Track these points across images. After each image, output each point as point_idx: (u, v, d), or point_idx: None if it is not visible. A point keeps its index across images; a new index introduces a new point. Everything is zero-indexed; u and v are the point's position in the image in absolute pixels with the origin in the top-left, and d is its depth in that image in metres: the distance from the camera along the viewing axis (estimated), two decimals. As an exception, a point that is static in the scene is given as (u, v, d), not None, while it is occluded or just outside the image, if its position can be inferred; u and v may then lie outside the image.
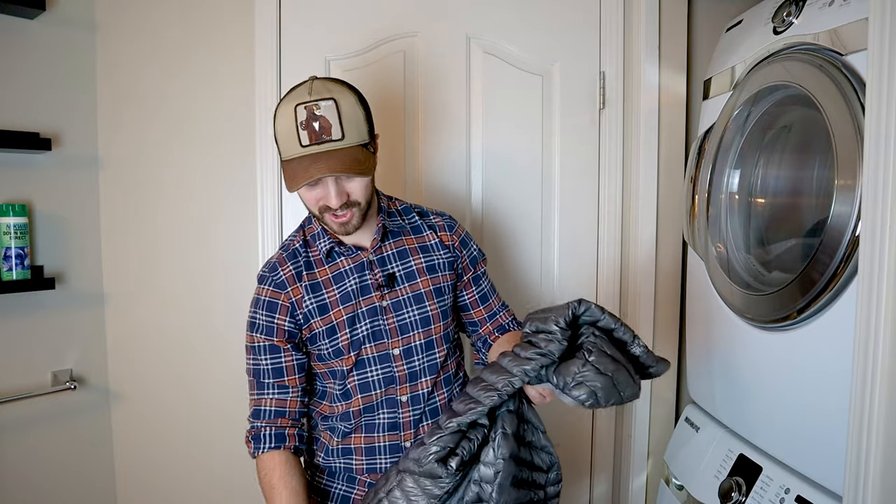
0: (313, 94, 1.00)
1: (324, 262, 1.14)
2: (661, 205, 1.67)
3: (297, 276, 1.12)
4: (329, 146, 0.99)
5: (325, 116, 0.98)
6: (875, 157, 0.83)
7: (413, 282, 1.14)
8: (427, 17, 1.64)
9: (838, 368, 0.95)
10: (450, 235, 1.21)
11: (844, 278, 0.95)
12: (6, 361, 1.52)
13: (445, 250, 1.20)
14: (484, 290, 1.26)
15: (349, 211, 1.05)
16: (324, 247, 1.13)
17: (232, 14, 1.63)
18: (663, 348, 1.71)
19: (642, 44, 1.64)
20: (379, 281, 1.12)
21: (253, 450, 1.10)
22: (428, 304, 1.14)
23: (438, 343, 1.15)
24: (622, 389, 0.94)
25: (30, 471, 1.57)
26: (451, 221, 1.25)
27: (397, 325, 1.12)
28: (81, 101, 1.61)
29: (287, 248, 1.16)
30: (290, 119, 0.99)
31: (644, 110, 1.65)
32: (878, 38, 0.83)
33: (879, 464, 0.84)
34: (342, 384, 1.13)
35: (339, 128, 0.99)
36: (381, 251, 1.14)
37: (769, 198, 1.30)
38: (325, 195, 1.03)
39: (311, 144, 0.99)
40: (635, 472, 1.72)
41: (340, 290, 1.12)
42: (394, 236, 1.17)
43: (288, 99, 1.02)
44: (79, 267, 1.62)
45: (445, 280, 1.18)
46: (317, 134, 0.98)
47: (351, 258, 1.13)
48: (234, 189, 1.66)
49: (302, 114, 0.98)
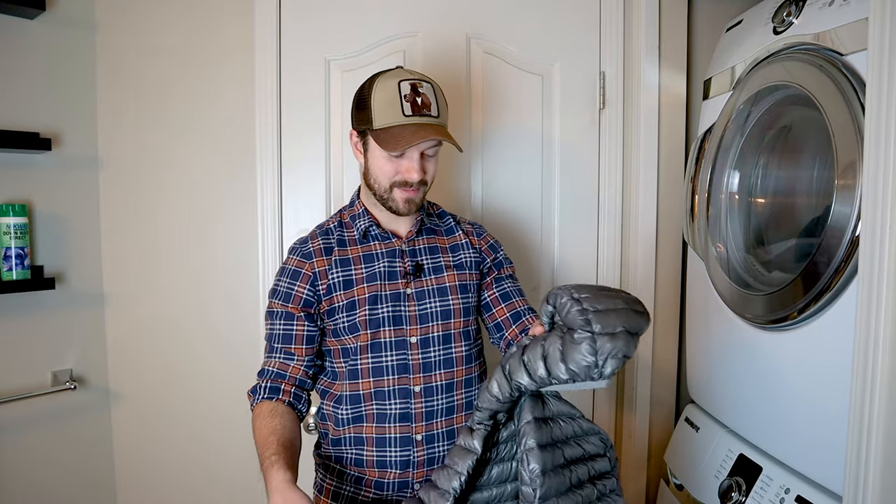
0: (414, 74, 1.11)
1: (358, 242, 1.19)
2: (661, 205, 1.67)
3: (326, 250, 1.17)
4: (429, 120, 1.09)
5: (426, 94, 1.10)
6: (875, 157, 0.83)
7: (440, 275, 1.19)
8: (427, 17, 1.64)
9: (838, 368, 0.95)
10: (478, 240, 1.27)
11: (844, 278, 0.95)
12: (6, 361, 1.52)
13: (473, 251, 1.25)
14: (506, 289, 1.25)
15: (418, 188, 1.13)
16: (362, 226, 1.19)
17: (232, 14, 1.63)
18: (663, 348, 1.71)
19: (642, 44, 1.64)
20: (407, 269, 1.17)
21: (251, 403, 1.14)
22: (451, 298, 1.18)
23: (457, 338, 1.18)
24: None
25: (30, 471, 1.57)
26: (481, 229, 1.31)
27: (418, 314, 1.15)
28: (81, 101, 1.61)
29: (322, 227, 1.23)
30: (392, 91, 1.09)
31: (644, 110, 1.65)
32: (878, 38, 0.83)
33: (879, 464, 0.84)
34: (354, 363, 1.14)
35: (436, 107, 1.11)
36: (414, 243, 1.20)
37: (769, 198, 1.30)
38: (409, 168, 1.11)
39: (414, 115, 1.08)
40: (635, 472, 1.72)
41: (368, 269, 1.16)
42: (428, 233, 1.22)
43: (385, 76, 1.11)
44: (79, 267, 1.62)
45: (471, 279, 1.22)
46: (419, 107, 1.09)
47: (384, 243, 1.18)
48: (234, 189, 1.66)
49: (406, 88, 1.09)
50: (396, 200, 1.13)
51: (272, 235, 1.64)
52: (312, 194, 1.65)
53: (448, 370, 1.16)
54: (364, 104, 1.11)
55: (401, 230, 1.20)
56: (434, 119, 1.10)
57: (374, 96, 1.10)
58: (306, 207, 1.65)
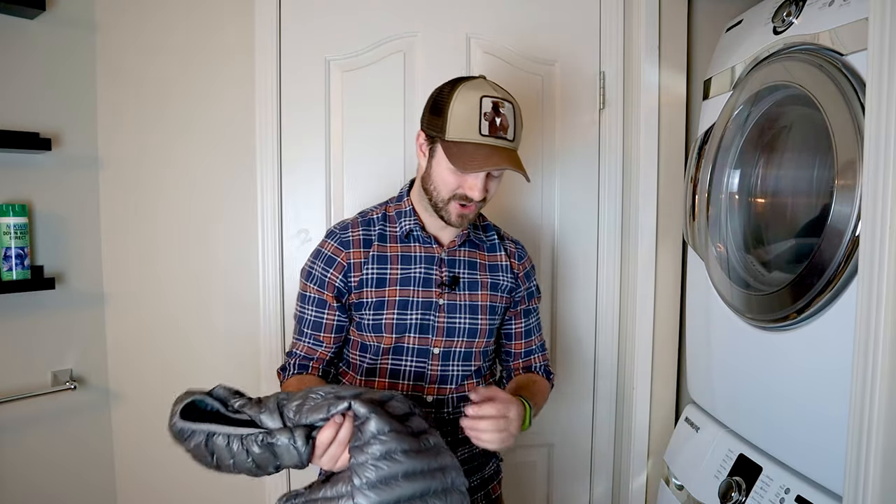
0: (498, 91, 1.05)
1: (399, 240, 1.16)
2: (661, 205, 1.67)
3: (366, 242, 1.15)
4: (503, 143, 1.04)
5: (506, 116, 1.04)
6: (875, 157, 0.83)
7: (474, 292, 1.17)
8: (427, 17, 1.64)
9: (838, 368, 0.95)
10: (518, 264, 1.25)
11: (844, 278, 0.95)
12: (6, 361, 1.52)
13: (510, 275, 1.23)
14: (531, 325, 1.28)
15: (475, 205, 1.10)
16: (406, 226, 1.16)
17: (232, 14, 1.63)
18: (663, 348, 1.71)
19: (642, 44, 1.63)
20: (443, 279, 1.15)
21: (281, 381, 1.18)
22: (480, 317, 1.17)
23: (477, 357, 1.18)
24: None
25: (30, 471, 1.57)
26: (523, 251, 1.28)
27: (446, 326, 1.14)
28: (81, 101, 1.61)
29: (364, 216, 1.20)
30: (473, 106, 1.03)
31: (644, 110, 1.65)
32: (878, 38, 0.83)
33: (879, 464, 0.84)
34: (373, 361, 1.15)
35: (513, 131, 1.05)
36: (455, 254, 1.18)
37: (769, 198, 1.30)
38: (473, 186, 1.07)
39: (489, 136, 1.03)
40: (635, 472, 1.72)
41: (404, 271, 1.15)
42: (470, 245, 1.21)
43: (469, 86, 1.05)
44: (79, 267, 1.62)
45: (502, 301, 1.21)
46: (496, 129, 1.03)
47: (424, 247, 1.17)
48: (234, 189, 1.66)
49: (487, 105, 1.03)
50: (451, 213, 1.10)
51: (272, 235, 1.64)
52: (312, 194, 1.65)
53: (461, 384, 1.17)
54: (440, 110, 1.06)
55: (444, 237, 1.18)
56: (509, 143, 1.05)
57: (452, 106, 1.04)
58: (306, 207, 1.65)
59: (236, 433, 0.88)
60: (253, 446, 0.86)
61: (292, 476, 1.68)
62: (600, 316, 1.76)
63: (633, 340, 1.71)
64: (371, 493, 0.83)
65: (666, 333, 1.72)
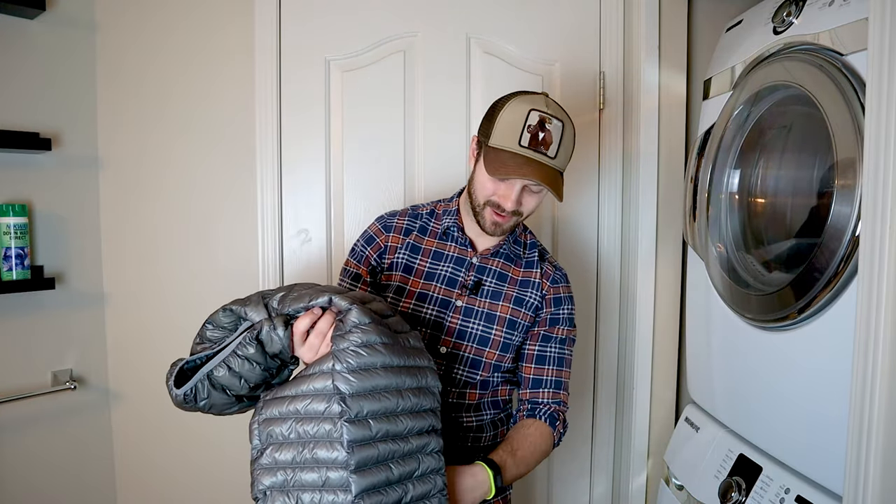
0: (549, 108, 1.05)
1: (437, 236, 1.20)
2: (661, 205, 1.67)
3: (407, 231, 1.20)
4: (542, 158, 1.04)
5: (550, 132, 1.04)
6: (875, 157, 0.83)
7: (495, 302, 1.16)
8: (427, 17, 1.64)
9: (838, 368, 0.95)
10: (550, 286, 1.21)
11: (844, 278, 0.95)
12: (6, 361, 1.52)
13: (539, 294, 1.20)
14: (547, 353, 1.18)
15: (510, 216, 1.09)
16: (447, 223, 1.19)
17: (232, 14, 1.63)
18: (663, 348, 1.71)
19: (642, 44, 1.63)
20: (468, 282, 1.16)
21: None
22: (495, 328, 1.15)
23: (485, 368, 1.16)
24: None
25: (30, 471, 1.57)
26: (561, 278, 1.23)
27: (458, 328, 1.14)
28: (81, 101, 1.61)
29: (415, 209, 1.25)
30: (520, 116, 1.04)
31: (644, 110, 1.65)
32: (878, 38, 0.83)
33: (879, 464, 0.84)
34: None
35: (557, 148, 1.05)
36: (488, 262, 1.18)
37: (769, 198, 1.30)
38: (507, 195, 1.07)
39: (529, 148, 1.03)
40: (635, 472, 1.72)
41: (433, 266, 1.17)
42: (506, 259, 1.20)
43: (523, 99, 1.06)
44: (79, 267, 1.62)
45: (525, 319, 1.18)
46: (537, 143, 1.04)
47: (459, 248, 1.18)
48: (234, 189, 1.66)
49: (534, 118, 1.03)
50: (486, 219, 1.11)
51: (272, 235, 1.64)
52: (312, 194, 1.65)
53: (462, 391, 1.16)
54: (491, 117, 1.08)
55: (480, 244, 1.19)
56: (548, 159, 1.04)
57: (502, 113, 1.06)
58: (306, 207, 1.65)
59: (227, 352, 0.89)
60: (247, 348, 0.88)
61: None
62: (600, 315, 1.76)
63: (633, 340, 1.71)
64: (351, 377, 0.84)
65: (666, 333, 1.72)
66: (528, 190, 1.08)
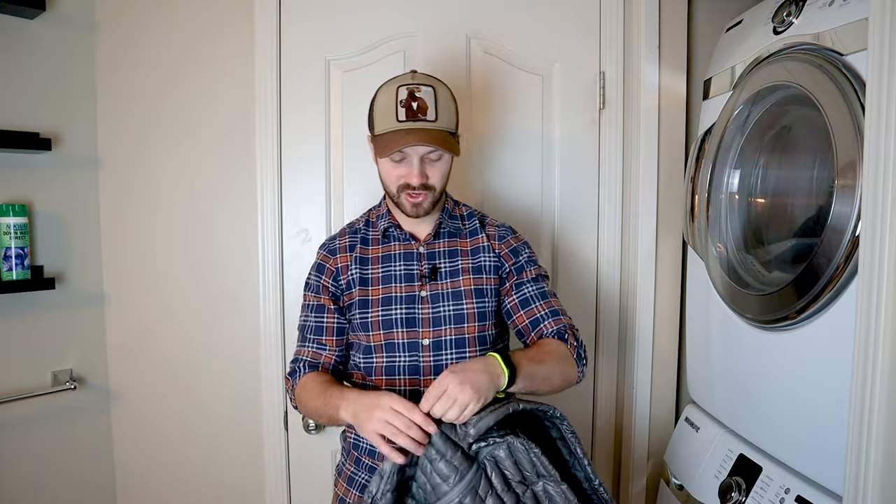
0: (416, 79, 1.12)
1: (379, 242, 1.22)
2: (661, 205, 1.67)
3: (350, 247, 1.22)
4: (423, 125, 1.09)
5: (423, 98, 1.09)
6: (875, 157, 0.83)
7: (455, 279, 1.19)
8: (427, 17, 1.64)
9: (838, 368, 0.95)
10: (499, 244, 1.25)
11: (844, 278, 0.95)
12: (6, 361, 1.52)
13: (493, 255, 1.24)
14: (526, 295, 1.20)
15: (424, 193, 1.13)
16: (382, 226, 1.22)
17: (232, 13, 1.63)
18: (663, 348, 1.71)
19: (642, 44, 1.63)
20: (423, 272, 1.19)
21: (291, 383, 1.21)
22: (465, 302, 1.18)
23: (471, 343, 1.17)
24: None
25: (29, 471, 1.57)
26: (506, 232, 1.26)
27: (431, 317, 1.16)
28: (81, 101, 1.61)
29: (352, 225, 1.28)
30: (390, 97, 1.10)
31: (644, 110, 1.65)
32: (878, 38, 0.83)
33: (879, 464, 0.84)
34: (368, 360, 1.18)
35: (434, 111, 1.09)
36: (433, 246, 1.22)
37: (769, 198, 1.30)
38: (408, 173, 1.12)
39: (407, 121, 1.09)
40: (635, 472, 1.72)
41: (385, 270, 1.19)
42: (449, 236, 1.24)
43: (390, 82, 1.13)
44: (79, 267, 1.62)
45: (489, 283, 1.21)
46: (413, 112, 1.08)
47: (403, 244, 1.21)
48: (234, 189, 1.66)
49: (403, 93, 1.09)
50: (404, 204, 1.15)
51: (272, 235, 1.64)
52: (312, 194, 1.65)
53: None
54: (371, 110, 1.16)
55: (420, 232, 1.22)
56: (430, 123, 1.09)
57: (376, 102, 1.13)
58: (306, 207, 1.65)
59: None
60: None
61: (292, 479, 1.68)
62: (600, 315, 1.76)
63: (633, 340, 1.71)
64: None
65: (666, 333, 1.72)
66: (428, 160, 1.12)
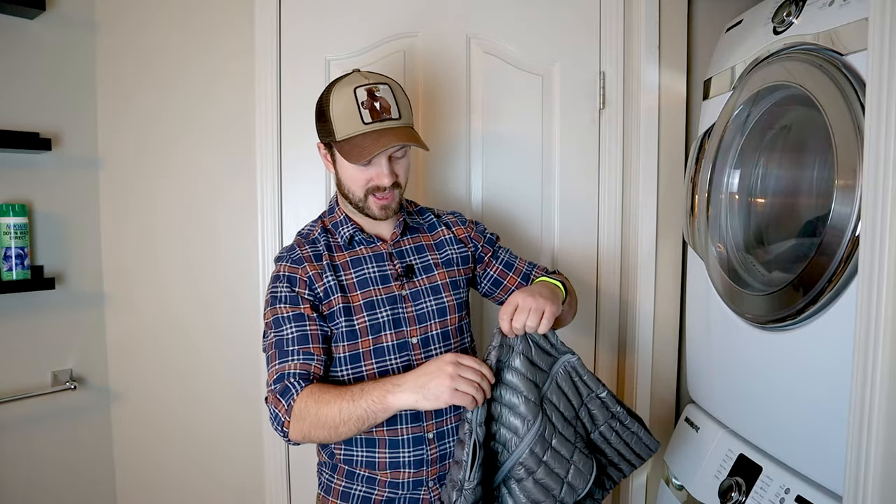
0: (369, 78, 1.09)
1: (343, 248, 1.18)
2: (661, 205, 1.67)
3: (316, 256, 1.15)
4: (390, 124, 1.07)
5: (384, 98, 1.07)
6: (875, 157, 0.83)
7: (430, 274, 1.20)
8: (427, 17, 1.64)
9: (838, 368, 0.95)
10: (464, 228, 1.28)
11: (844, 278, 0.95)
12: (6, 361, 1.52)
13: (460, 244, 1.26)
14: (505, 259, 1.29)
15: (392, 192, 1.13)
16: (346, 233, 1.18)
17: (232, 14, 1.63)
18: (663, 348, 1.71)
19: (642, 44, 1.64)
20: (398, 271, 1.18)
21: (285, 403, 1.03)
22: (444, 296, 1.19)
23: (454, 334, 1.20)
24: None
25: (30, 471, 1.57)
26: (459, 216, 1.32)
27: (416, 314, 1.16)
28: (81, 101, 1.61)
29: (306, 236, 1.20)
30: (349, 99, 1.07)
31: (644, 110, 1.65)
32: (878, 38, 0.83)
33: (879, 464, 0.84)
34: (358, 369, 1.12)
35: (397, 108, 1.08)
36: (400, 245, 1.21)
37: (769, 198, 1.30)
38: (379, 174, 1.10)
39: (374, 122, 1.06)
40: (635, 472, 1.72)
41: (358, 275, 1.16)
42: (412, 232, 1.24)
43: (341, 84, 1.09)
44: (79, 267, 1.62)
45: (460, 274, 1.24)
46: (378, 112, 1.07)
47: (370, 247, 1.19)
48: (234, 189, 1.66)
49: (362, 95, 1.07)
50: (372, 207, 1.13)
51: (272, 235, 1.64)
52: (312, 194, 1.65)
53: None
54: (324, 116, 1.10)
55: (384, 233, 1.21)
56: (396, 122, 1.08)
57: (332, 108, 1.08)
58: (306, 207, 1.65)
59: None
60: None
61: (292, 479, 1.68)
62: (600, 316, 1.76)
63: (633, 340, 1.71)
64: None
65: (666, 333, 1.72)
66: (394, 158, 1.12)
